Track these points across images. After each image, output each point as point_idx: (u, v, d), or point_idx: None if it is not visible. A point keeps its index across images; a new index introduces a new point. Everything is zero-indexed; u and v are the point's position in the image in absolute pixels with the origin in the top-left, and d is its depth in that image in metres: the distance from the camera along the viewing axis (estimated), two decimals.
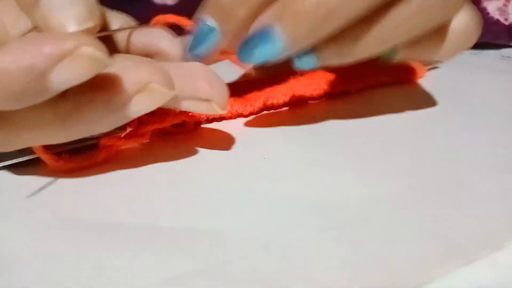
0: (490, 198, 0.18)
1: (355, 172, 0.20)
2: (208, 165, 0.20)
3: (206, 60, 0.21)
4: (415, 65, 0.32)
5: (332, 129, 0.24)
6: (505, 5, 0.42)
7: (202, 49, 0.20)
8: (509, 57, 0.41)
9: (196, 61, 0.20)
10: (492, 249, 0.15)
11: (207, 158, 0.21)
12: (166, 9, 0.37)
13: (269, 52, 0.19)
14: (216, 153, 0.21)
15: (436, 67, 0.38)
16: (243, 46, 0.20)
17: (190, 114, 0.22)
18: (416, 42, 0.21)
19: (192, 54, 0.21)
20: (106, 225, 0.16)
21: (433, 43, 0.21)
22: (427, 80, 0.33)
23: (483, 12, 0.42)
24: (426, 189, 0.18)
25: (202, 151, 0.21)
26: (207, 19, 0.20)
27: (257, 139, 0.23)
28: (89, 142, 0.20)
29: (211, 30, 0.20)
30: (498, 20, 0.42)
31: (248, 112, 0.25)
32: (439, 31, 0.21)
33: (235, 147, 0.22)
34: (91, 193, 0.18)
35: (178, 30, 0.24)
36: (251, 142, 0.22)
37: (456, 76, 0.35)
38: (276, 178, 0.19)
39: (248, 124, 0.24)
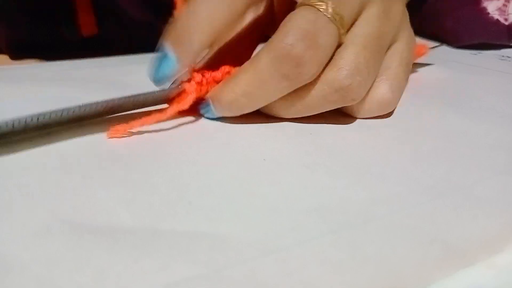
0: (489, 200, 0.18)
1: (354, 175, 0.20)
2: (207, 167, 0.20)
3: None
4: (418, 44, 0.32)
5: (332, 131, 0.24)
6: (504, 5, 0.42)
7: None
8: (508, 57, 0.41)
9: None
10: (491, 252, 0.15)
11: (207, 160, 0.21)
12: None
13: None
14: (215, 154, 0.21)
15: (439, 46, 0.38)
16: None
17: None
18: None
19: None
20: (106, 228, 0.16)
21: (354, 107, 0.25)
22: (426, 80, 0.33)
23: (483, 12, 0.42)
24: (425, 192, 0.18)
25: (202, 153, 0.21)
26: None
27: (256, 140, 0.23)
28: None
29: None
30: (498, 20, 0.42)
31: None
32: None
33: (235, 149, 0.22)
34: (90, 196, 0.18)
35: None
36: (250, 144, 0.22)
37: (456, 76, 0.35)
38: (276, 180, 0.19)
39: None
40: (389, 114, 0.26)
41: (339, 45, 0.23)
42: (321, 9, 0.22)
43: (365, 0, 0.24)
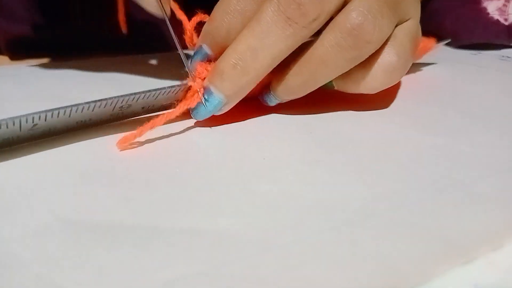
0: (489, 197, 0.18)
1: (355, 172, 0.20)
2: (207, 164, 0.20)
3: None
4: (424, 39, 0.31)
5: (332, 128, 0.24)
6: (504, 5, 0.42)
7: (204, 116, 0.23)
8: (508, 57, 0.41)
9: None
10: (491, 248, 0.15)
11: (207, 158, 0.21)
12: None
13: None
14: (215, 152, 0.21)
15: (446, 41, 0.38)
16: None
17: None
18: (347, 76, 0.24)
19: (194, 117, 0.24)
20: (106, 226, 0.16)
21: (360, 77, 0.24)
22: (426, 80, 0.33)
23: (483, 12, 0.42)
24: (425, 189, 0.18)
25: (201, 151, 0.21)
26: (217, 93, 0.23)
27: (257, 138, 0.23)
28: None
29: (219, 102, 0.23)
30: (498, 20, 0.42)
31: None
32: (364, 68, 0.24)
33: (235, 146, 0.22)
34: (90, 194, 0.18)
35: None
36: (251, 142, 0.22)
37: (456, 76, 0.35)
38: (276, 178, 0.19)
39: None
40: (389, 113, 0.26)
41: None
42: None
43: None
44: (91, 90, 0.29)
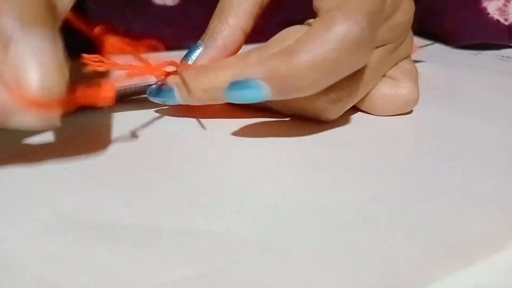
0: (489, 199, 0.18)
1: (355, 174, 0.20)
2: (207, 166, 0.20)
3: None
4: None
5: (331, 130, 0.24)
6: (505, 5, 0.42)
7: (158, 101, 0.24)
8: (508, 57, 0.41)
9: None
10: (491, 250, 0.15)
11: (207, 159, 0.21)
12: (166, 10, 0.37)
13: (255, 96, 0.20)
14: (215, 154, 0.21)
15: (431, 44, 0.38)
16: (232, 87, 0.21)
17: None
18: (369, 100, 0.25)
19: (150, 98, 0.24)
20: (106, 227, 0.16)
21: (381, 103, 0.25)
22: (426, 80, 0.33)
23: (483, 12, 0.42)
24: (425, 191, 0.18)
25: (201, 152, 0.21)
26: (174, 89, 0.23)
27: (255, 139, 0.23)
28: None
29: (174, 99, 0.23)
30: (498, 21, 0.42)
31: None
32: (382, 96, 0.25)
33: (234, 148, 0.22)
34: (91, 195, 0.18)
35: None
36: (249, 143, 0.22)
37: (456, 76, 0.35)
38: (276, 179, 0.19)
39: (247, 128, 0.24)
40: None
41: None
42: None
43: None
44: None
